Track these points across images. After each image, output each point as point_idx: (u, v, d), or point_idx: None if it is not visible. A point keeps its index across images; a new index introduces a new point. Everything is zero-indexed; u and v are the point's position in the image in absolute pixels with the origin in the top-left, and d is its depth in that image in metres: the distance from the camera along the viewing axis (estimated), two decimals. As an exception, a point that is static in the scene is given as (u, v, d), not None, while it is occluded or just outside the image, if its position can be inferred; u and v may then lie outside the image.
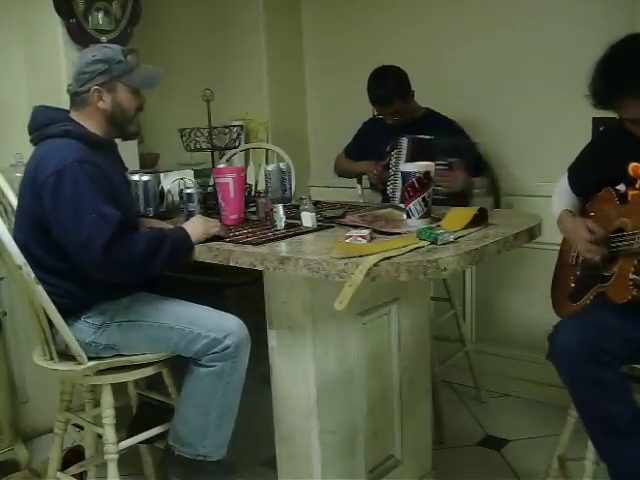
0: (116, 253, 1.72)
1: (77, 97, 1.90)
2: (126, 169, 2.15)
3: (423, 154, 1.93)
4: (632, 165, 1.77)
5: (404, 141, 2.56)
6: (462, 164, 2.49)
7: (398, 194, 2.52)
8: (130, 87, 1.92)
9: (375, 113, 2.82)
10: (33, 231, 1.81)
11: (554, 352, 1.71)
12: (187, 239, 1.83)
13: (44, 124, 1.87)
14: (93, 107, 1.89)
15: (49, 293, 1.72)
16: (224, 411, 1.86)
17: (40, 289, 1.69)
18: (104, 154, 1.90)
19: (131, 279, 1.86)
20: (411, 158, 2.47)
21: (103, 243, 1.69)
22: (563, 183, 2.03)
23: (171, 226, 2.11)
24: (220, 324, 1.83)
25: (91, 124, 1.90)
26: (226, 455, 1.91)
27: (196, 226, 1.87)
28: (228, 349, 1.80)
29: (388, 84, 2.71)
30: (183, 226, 1.88)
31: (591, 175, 1.93)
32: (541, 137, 2.84)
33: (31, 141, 1.91)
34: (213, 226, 1.89)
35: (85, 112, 1.90)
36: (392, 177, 2.60)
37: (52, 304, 1.73)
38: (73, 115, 1.92)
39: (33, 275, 1.68)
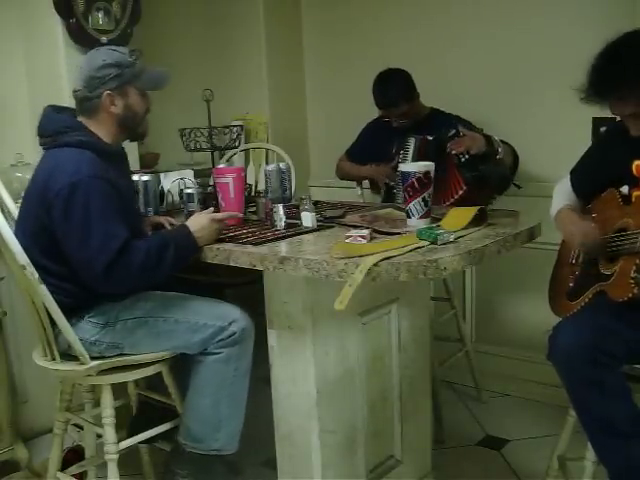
0: (117, 273, 1.71)
1: (87, 102, 1.86)
2: (131, 174, 2.15)
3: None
4: (636, 164, 1.76)
5: (411, 141, 2.55)
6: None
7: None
8: (140, 90, 1.92)
9: (381, 116, 2.81)
10: (36, 236, 1.80)
11: (553, 353, 1.70)
12: (193, 244, 1.82)
13: (59, 131, 1.84)
14: (105, 112, 1.87)
15: (51, 292, 1.71)
16: (234, 401, 1.88)
17: (44, 288, 1.69)
18: (114, 164, 1.88)
19: (134, 290, 1.87)
20: (418, 158, 2.46)
21: (106, 263, 1.69)
22: (564, 186, 2.02)
23: (174, 220, 2.12)
24: (224, 312, 1.86)
25: (102, 130, 1.88)
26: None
27: (198, 225, 1.83)
28: (234, 335, 1.83)
29: (393, 87, 2.70)
30: (189, 227, 1.83)
31: (594, 177, 1.93)
32: (541, 137, 2.84)
33: (42, 144, 1.88)
34: (218, 222, 1.87)
35: (97, 118, 1.87)
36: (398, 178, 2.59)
37: (55, 304, 1.72)
38: (83, 121, 1.88)
39: (37, 275, 1.67)
